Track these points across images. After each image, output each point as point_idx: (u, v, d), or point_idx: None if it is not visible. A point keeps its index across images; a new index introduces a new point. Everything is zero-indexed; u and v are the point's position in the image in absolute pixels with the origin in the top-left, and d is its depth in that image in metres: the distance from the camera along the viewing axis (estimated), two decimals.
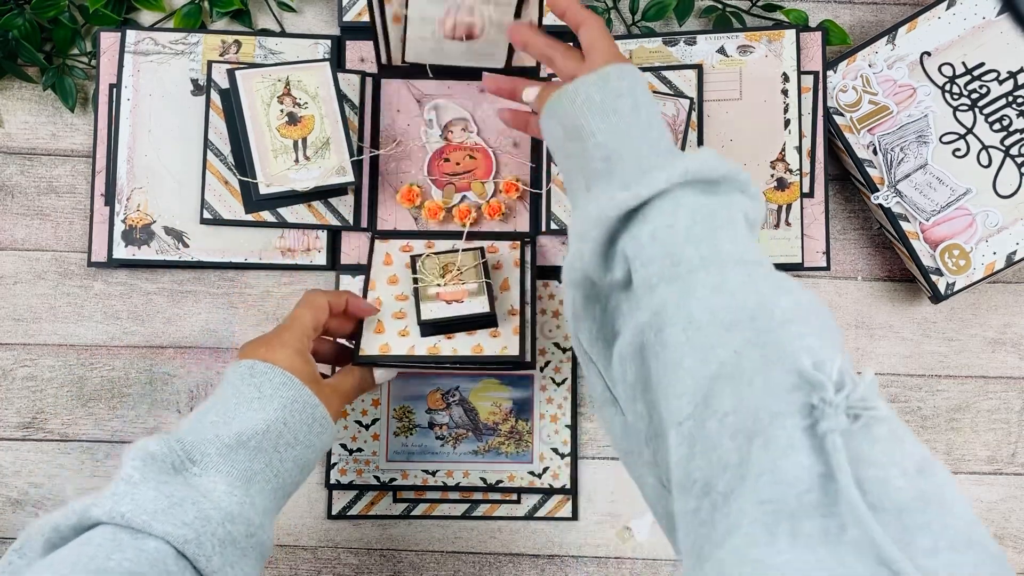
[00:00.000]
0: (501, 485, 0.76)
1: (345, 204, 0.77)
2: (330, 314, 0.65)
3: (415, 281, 0.71)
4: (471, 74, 0.78)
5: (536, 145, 0.78)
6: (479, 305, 0.69)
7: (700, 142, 0.76)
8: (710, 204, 0.50)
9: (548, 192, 0.77)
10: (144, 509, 0.48)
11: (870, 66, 0.76)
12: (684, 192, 0.50)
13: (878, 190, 0.76)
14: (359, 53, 0.79)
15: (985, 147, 0.75)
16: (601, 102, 0.55)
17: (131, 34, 0.77)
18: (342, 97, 0.75)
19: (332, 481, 0.76)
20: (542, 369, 0.77)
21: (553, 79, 0.73)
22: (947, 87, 0.76)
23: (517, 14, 0.68)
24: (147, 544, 0.47)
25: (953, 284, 0.75)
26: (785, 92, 0.76)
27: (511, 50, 0.74)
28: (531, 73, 0.78)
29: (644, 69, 0.77)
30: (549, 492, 0.76)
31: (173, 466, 0.52)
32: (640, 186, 0.50)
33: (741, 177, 0.52)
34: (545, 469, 0.76)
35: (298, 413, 0.57)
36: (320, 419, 0.59)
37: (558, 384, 0.77)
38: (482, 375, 0.77)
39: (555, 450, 0.77)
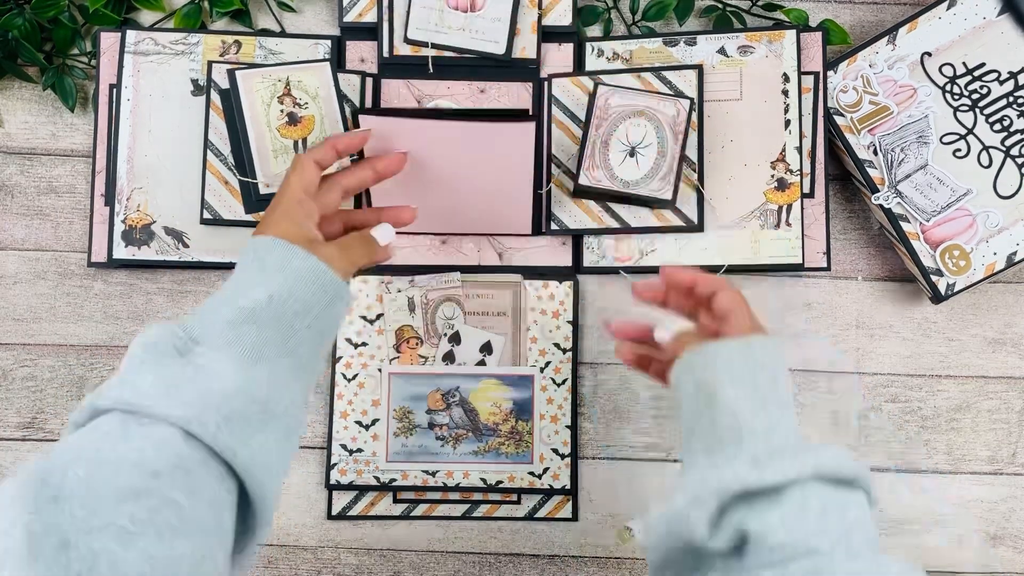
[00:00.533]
0: (501, 486, 0.76)
1: (345, 204, 0.77)
2: (322, 168, 0.63)
3: None
4: (471, 74, 0.78)
5: (536, 145, 0.78)
6: None
7: (700, 142, 0.76)
8: (839, 498, 0.50)
9: (548, 192, 0.77)
10: (145, 394, 0.47)
11: (871, 66, 0.76)
12: (814, 483, 0.50)
13: (878, 190, 0.75)
14: (359, 53, 0.79)
15: (986, 147, 0.75)
16: (742, 370, 0.54)
17: (131, 34, 0.77)
18: (342, 97, 0.75)
19: (332, 481, 0.76)
20: (542, 370, 0.77)
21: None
22: (948, 87, 0.76)
23: None
24: (154, 430, 0.46)
25: (953, 285, 0.75)
26: (785, 92, 0.76)
27: (511, 36, 0.75)
28: (531, 74, 0.78)
29: (644, 69, 0.77)
30: (549, 493, 0.76)
31: (176, 349, 0.51)
32: (770, 469, 0.49)
33: (868, 480, 0.52)
34: (545, 470, 0.76)
35: (304, 280, 0.55)
36: (330, 283, 0.56)
37: (558, 384, 0.77)
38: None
39: (555, 451, 0.77)
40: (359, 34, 0.79)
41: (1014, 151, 0.75)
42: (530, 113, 0.67)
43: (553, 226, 0.77)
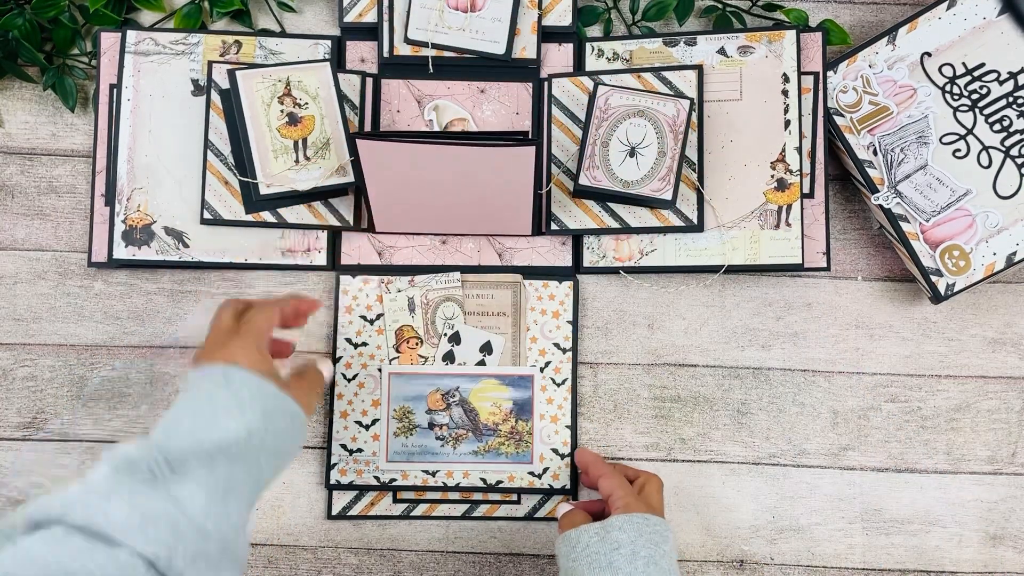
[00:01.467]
0: (501, 485, 0.76)
1: (345, 204, 0.77)
2: (280, 319, 0.64)
3: None
4: (471, 74, 0.78)
5: (536, 158, 0.78)
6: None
7: (700, 142, 0.76)
8: None
9: (548, 192, 0.77)
10: (118, 525, 0.47)
11: (870, 66, 0.76)
12: None
13: (878, 191, 0.75)
14: (359, 53, 0.79)
15: (985, 148, 0.75)
16: (598, 553, 0.59)
17: (131, 34, 0.77)
18: (342, 97, 0.75)
19: (332, 481, 0.76)
20: (542, 369, 0.77)
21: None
22: (947, 88, 0.76)
23: None
24: (119, 554, 0.46)
25: (953, 285, 0.75)
26: (785, 93, 0.76)
27: (511, 36, 0.75)
28: (531, 74, 0.78)
29: (644, 69, 0.77)
30: (549, 492, 0.76)
31: (152, 471, 0.51)
32: None
33: None
34: (545, 470, 0.76)
35: (278, 419, 0.56)
36: (300, 424, 0.58)
37: (558, 384, 0.77)
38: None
39: (555, 450, 0.77)
40: (359, 34, 0.79)
41: (1014, 151, 0.75)
42: (529, 136, 0.67)
43: (553, 226, 0.77)
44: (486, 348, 0.77)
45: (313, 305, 0.68)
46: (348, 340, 0.77)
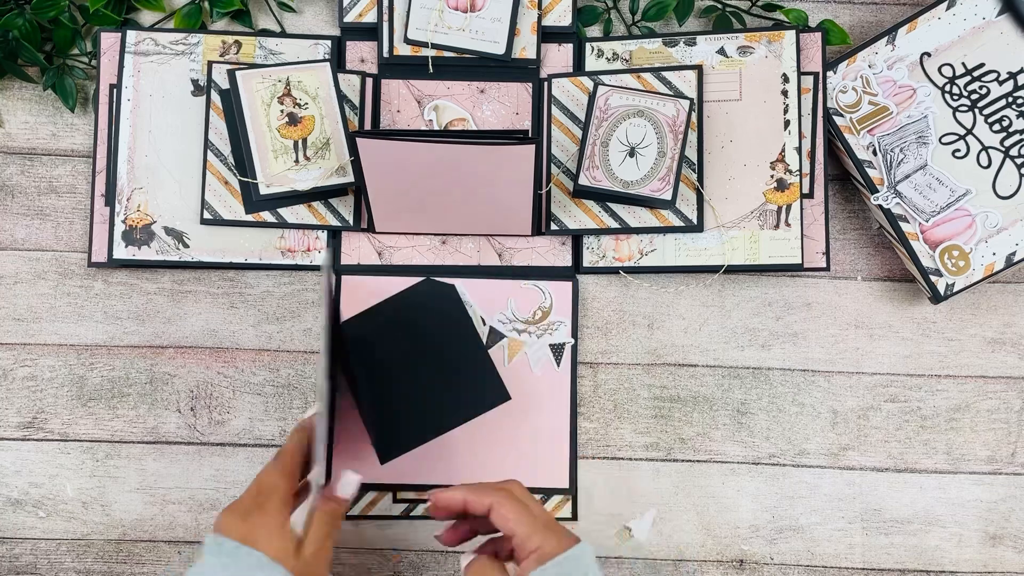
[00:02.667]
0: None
1: (345, 204, 0.77)
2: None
3: None
4: (471, 74, 0.78)
5: (536, 157, 0.78)
6: None
7: (700, 142, 0.76)
8: None
9: (548, 192, 0.77)
10: None
11: (870, 67, 0.76)
12: None
13: (878, 191, 0.76)
14: (359, 53, 0.79)
15: (985, 148, 0.75)
16: None
17: (131, 34, 0.77)
18: (342, 97, 0.75)
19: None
20: None
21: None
22: (947, 88, 0.76)
23: None
24: None
25: (953, 285, 0.75)
26: (785, 93, 0.76)
27: (511, 37, 0.75)
28: (531, 74, 0.78)
29: (644, 70, 0.77)
30: (549, 492, 0.76)
31: None
32: None
33: None
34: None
35: None
36: None
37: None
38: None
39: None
40: (359, 34, 0.79)
41: (1013, 151, 0.75)
42: (529, 135, 0.67)
43: (553, 226, 0.77)
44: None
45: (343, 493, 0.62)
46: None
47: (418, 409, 0.70)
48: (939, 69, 0.76)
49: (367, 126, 0.78)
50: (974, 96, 0.75)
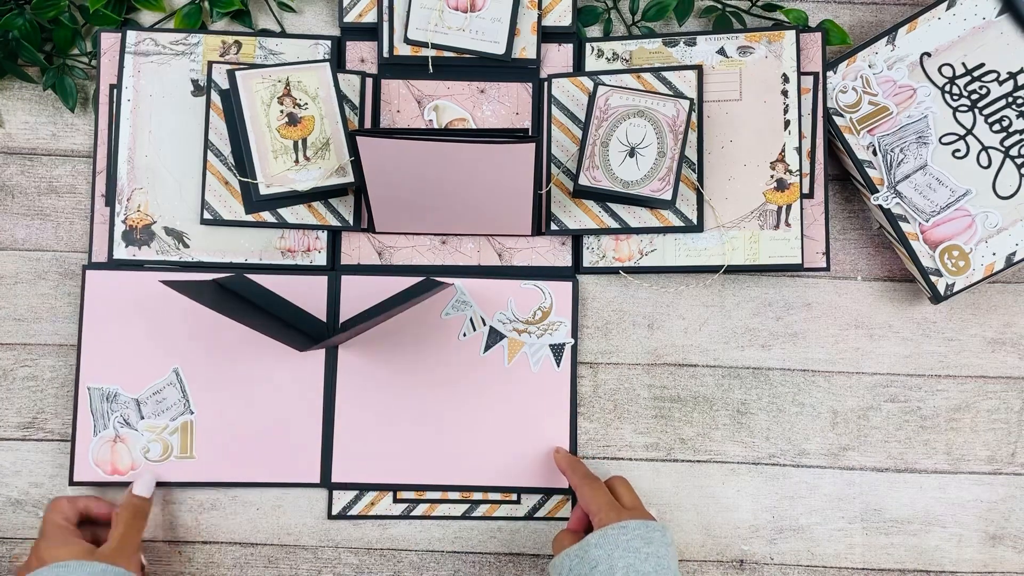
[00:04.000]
0: (501, 485, 0.76)
1: (345, 204, 0.77)
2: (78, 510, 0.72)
3: None
4: (471, 74, 0.78)
5: (536, 155, 0.78)
6: None
7: (700, 142, 0.76)
8: None
9: (548, 192, 0.77)
10: None
11: (870, 67, 0.76)
12: None
13: (878, 191, 0.76)
14: (359, 53, 0.79)
15: (985, 148, 0.75)
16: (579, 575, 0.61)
17: (131, 34, 0.77)
18: (342, 97, 0.75)
19: (332, 481, 0.76)
20: None
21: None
22: (947, 88, 0.76)
23: None
24: None
25: (953, 285, 0.75)
26: (785, 93, 0.76)
27: (511, 37, 0.75)
28: (531, 74, 0.78)
29: (644, 70, 0.77)
30: (549, 492, 0.76)
31: None
32: None
33: None
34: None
35: None
36: None
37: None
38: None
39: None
40: (359, 34, 0.79)
41: (1013, 151, 0.75)
42: (529, 133, 0.67)
43: (553, 226, 0.77)
44: None
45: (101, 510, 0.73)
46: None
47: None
48: (939, 69, 0.76)
49: (367, 126, 0.78)
50: (974, 96, 0.75)
